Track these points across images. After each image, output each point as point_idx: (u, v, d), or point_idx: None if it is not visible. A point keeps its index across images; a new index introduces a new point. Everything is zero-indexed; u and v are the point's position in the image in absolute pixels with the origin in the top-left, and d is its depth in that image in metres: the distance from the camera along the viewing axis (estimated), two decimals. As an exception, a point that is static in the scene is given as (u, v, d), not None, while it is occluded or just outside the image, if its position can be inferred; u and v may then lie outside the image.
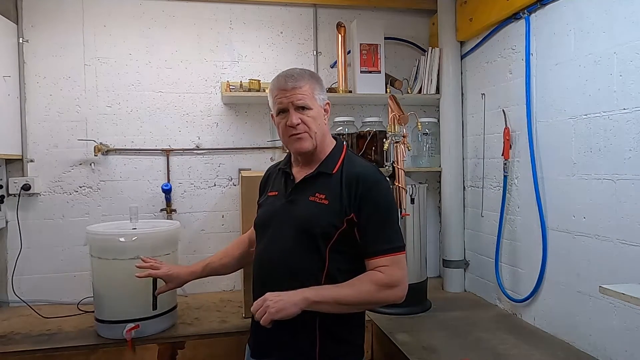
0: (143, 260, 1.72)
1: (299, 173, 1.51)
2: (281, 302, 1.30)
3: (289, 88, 1.42)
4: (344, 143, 1.57)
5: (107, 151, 2.66)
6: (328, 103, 1.51)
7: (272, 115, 1.52)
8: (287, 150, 1.59)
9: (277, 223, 1.48)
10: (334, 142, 1.54)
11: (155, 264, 1.70)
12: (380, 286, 1.37)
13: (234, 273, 1.83)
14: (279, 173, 1.58)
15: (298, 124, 1.41)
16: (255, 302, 1.34)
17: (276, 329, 1.34)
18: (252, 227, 1.72)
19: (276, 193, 1.54)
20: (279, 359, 1.44)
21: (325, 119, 1.49)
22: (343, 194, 1.40)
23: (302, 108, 1.42)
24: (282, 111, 1.44)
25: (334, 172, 1.45)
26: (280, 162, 1.66)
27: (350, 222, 1.39)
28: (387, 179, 1.53)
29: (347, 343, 1.46)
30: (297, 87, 1.41)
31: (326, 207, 1.40)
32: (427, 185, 2.62)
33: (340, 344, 1.44)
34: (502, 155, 2.34)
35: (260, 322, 1.30)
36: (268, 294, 1.33)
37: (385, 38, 2.82)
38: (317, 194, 1.42)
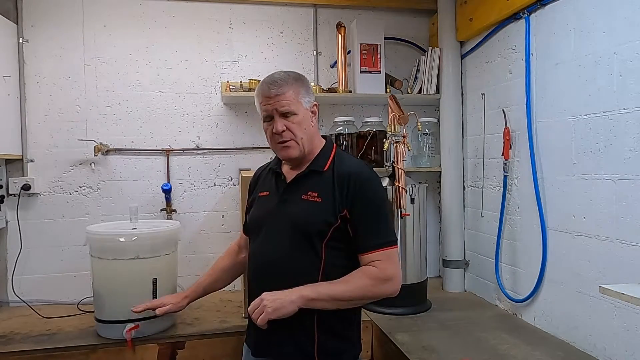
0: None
1: (289, 172, 1.52)
2: (278, 301, 1.31)
3: (272, 95, 1.42)
4: (333, 142, 1.59)
5: (107, 151, 2.66)
6: (315, 105, 1.51)
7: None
8: None
9: (272, 223, 1.48)
10: (324, 140, 1.55)
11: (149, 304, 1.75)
12: (374, 280, 1.39)
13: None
14: (269, 173, 1.59)
15: (283, 131, 1.42)
16: (252, 302, 1.34)
17: (275, 327, 1.35)
18: (242, 232, 1.74)
19: (267, 193, 1.54)
20: (279, 357, 1.45)
21: (312, 121, 1.49)
22: (335, 191, 1.42)
23: (287, 114, 1.42)
24: (268, 118, 1.45)
25: (325, 170, 1.47)
26: (269, 162, 1.67)
27: (343, 218, 1.41)
28: (378, 175, 1.54)
29: (345, 339, 1.48)
30: (280, 94, 1.41)
31: (319, 205, 1.42)
32: (427, 185, 2.61)
33: (339, 340, 1.46)
34: (502, 155, 2.33)
35: (257, 322, 1.30)
36: (265, 294, 1.34)
37: (385, 38, 2.82)
38: (309, 192, 1.44)
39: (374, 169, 2.65)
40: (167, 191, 2.66)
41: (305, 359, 1.42)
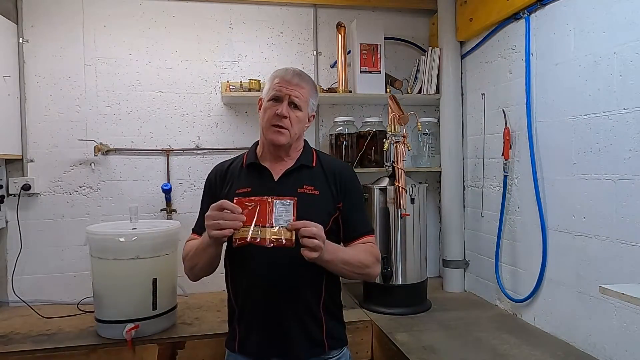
0: None
1: (274, 167, 1.54)
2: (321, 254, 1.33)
3: (294, 83, 1.49)
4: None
5: (107, 151, 2.66)
6: (314, 115, 1.59)
7: (260, 99, 1.57)
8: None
9: None
10: (303, 143, 1.64)
11: None
12: (374, 258, 1.52)
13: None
14: (244, 169, 1.57)
15: (285, 117, 1.48)
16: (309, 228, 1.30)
17: (287, 323, 1.45)
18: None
19: (249, 189, 1.51)
20: (290, 353, 1.48)
21: (305, 125, 1.57)
22: (330, 184, 1.53)
23: (295, 106, 1.49)
24: (276, 99, 1.49)
25: (314, 165, 1.56)
26: (232, 159, 1.65)
27: (340, 209, 1.53)
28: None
29: (342, 322, 1.60)
30: (300, 86, 1.50)
31: (318, 198, 1.50)
32: (427, 185, 2.61)
33: (339, 323, 1.58)
34: (502, 155, 2.33)
35: (307, 253, 1.29)
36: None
37: (385, 38, 2.82)
38: (305, 186, 1.50)
39: (374, 168, 2.70)
40: (167, 191, 2.66)
41: (315, 347, 1.49)
